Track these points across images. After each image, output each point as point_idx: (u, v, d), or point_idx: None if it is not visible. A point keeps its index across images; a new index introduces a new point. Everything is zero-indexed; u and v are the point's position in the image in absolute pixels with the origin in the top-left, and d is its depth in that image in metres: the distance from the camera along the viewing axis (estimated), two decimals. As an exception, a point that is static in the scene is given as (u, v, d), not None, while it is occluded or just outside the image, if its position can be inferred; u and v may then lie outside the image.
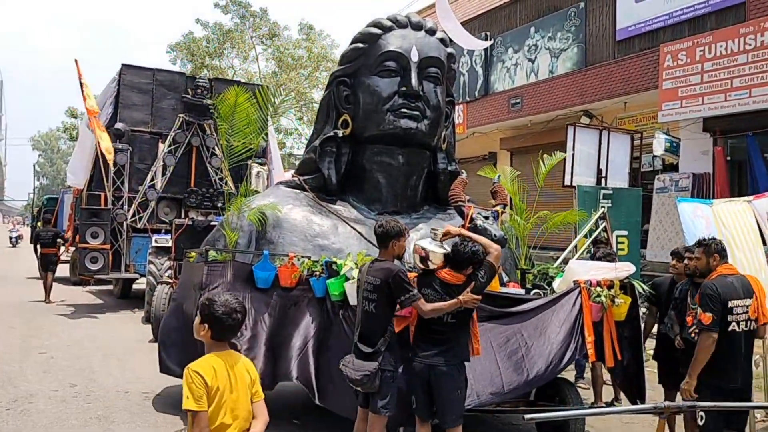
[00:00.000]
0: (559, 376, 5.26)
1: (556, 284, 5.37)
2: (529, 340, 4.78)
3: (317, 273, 5.47)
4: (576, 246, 8.51)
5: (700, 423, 3.88)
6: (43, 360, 8.09)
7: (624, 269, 5.11)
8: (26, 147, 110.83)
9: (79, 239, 12.50)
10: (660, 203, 11.25)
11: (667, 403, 3.23)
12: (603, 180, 9.28)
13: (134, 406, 6.20)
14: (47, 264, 13.75)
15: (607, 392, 6.62)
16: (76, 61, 12.51)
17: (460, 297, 4.13)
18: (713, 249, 4.28)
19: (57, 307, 12.74)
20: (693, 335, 4.33)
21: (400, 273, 4.25)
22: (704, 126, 11.30)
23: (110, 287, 15.42)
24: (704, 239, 4.41)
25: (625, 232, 8.73)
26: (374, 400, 4.27)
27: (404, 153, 6.71)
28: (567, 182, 9.07)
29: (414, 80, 6.57)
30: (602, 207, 8.69)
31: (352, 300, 4.87)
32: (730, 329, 4.02)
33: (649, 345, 6.09)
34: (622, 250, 8.57)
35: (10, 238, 33.86)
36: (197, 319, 2.94)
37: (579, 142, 9.07)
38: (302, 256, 5.82)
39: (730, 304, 4.03)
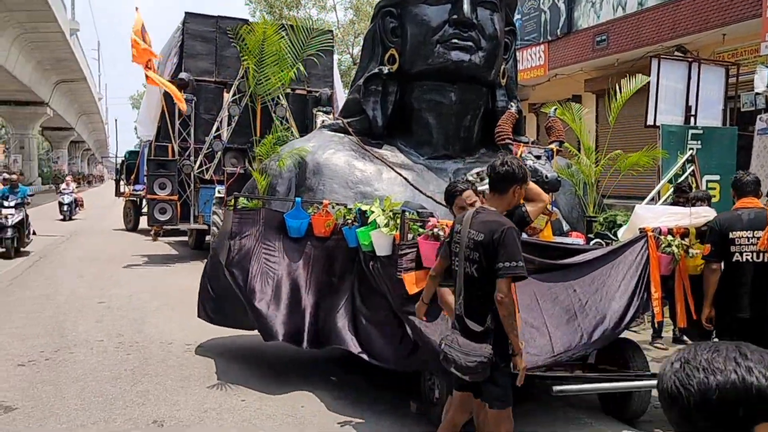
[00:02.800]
0: (623, 336, 4.58)
1: (621, 233, 4.63)
2: (584, 297, 4.09)
3: (350, 221, 4.97)
4: (659, 193, 7.61)
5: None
6: (99, 309, 8.11)
7: (701, 215, 4.32)
8: (127, 105, 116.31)
9: (147, 190, 12.60)
10: (762, 146, 9.91)
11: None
12: (692, 119, 8.19)
13: (172, 358, 6.02)
14: None
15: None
16: (137, 8, 12.38)
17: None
18: (730, 184, 4.51)
19: (131, 257, 12.97)
20: None
21: (512, 229, 3.23)
22: (818, 57, 9.82)
23: (186, 238, 15.63)
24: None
25: (716, 177, 7.71)
26: (488, 389, 3.31)
27: (457, 90, 6.03)
28: (650, 121, 8.04)
29: (466, 6, 5.82)
30: (690, 149, 7.71)
31: (379, 250, 4.35)
32: (733, 260, 4.15)
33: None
34: (713, 197, 7.57)
35: (61, 205, 22.02)
36: None
37: (664, 76, 7.99)
38: (337, 204, 5.35)
39: (731, 235, 4.15)
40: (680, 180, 7.42)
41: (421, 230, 4.15)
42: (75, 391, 5.05)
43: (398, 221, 4.22)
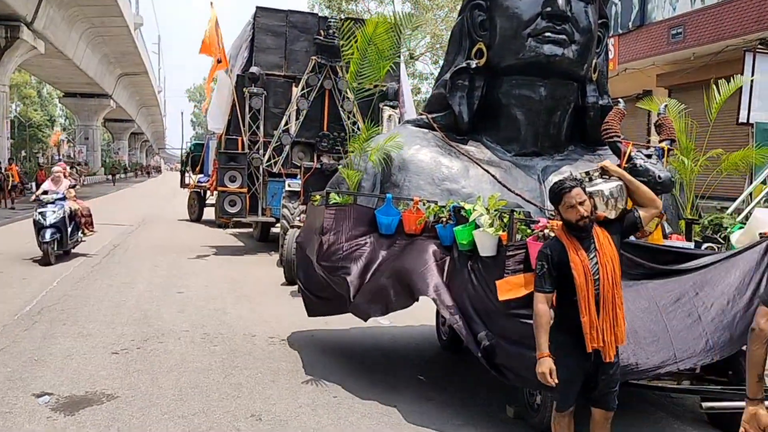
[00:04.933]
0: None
1: (734, 237, 4.42)
2: (707, 300, 3.87)
3: (444, 219, 4.89)
4: (751, 194, 7.29)
5: None
6: (179, 299, 8.27)
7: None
8: (184, 98, 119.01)
9: (218, 183, 12.80)
10: None
11: None
12: (789, 116, 7.82)
13: (258, 351, 6.07)
14: None
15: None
16: (211, 3, 12.56)
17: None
18: None
19: (200, 248, 13.22)
20: None
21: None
22: None
23: (251, 230, 15.85)
24: None
25: (814, 178, 7.33)
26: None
27: (547, 85, 5.86)
28: (743, 119, 7.73)
29: (560, -1, 5.64)
30: (787, 148, 7.34)
31: (483, 251, 4.25)
32: None
33: None
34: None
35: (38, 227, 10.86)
36: None
37: (759, 71, 7.64)
38: (428, 201, 5.28)
39: None
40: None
41: (529, 231, 4.04)
42: (171, 381, 5.14)
43: (505, 221, 4.11)
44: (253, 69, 12.79)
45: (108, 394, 4.85)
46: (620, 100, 4.87)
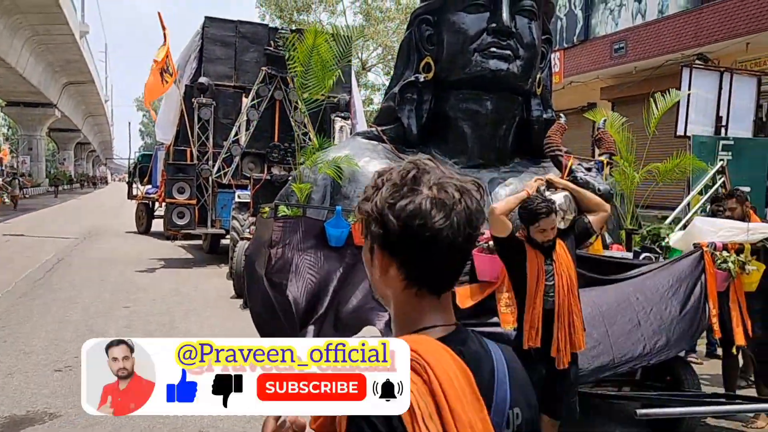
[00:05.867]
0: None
1: (672, 240, 4.58)
2: (647, 306, 4.03)
3: (394, 231, 4.93)
4: (689, 204, 7.57)
5: None
6: (126, 314, 8.10)
7: (759, 231, 4.27)
8: (132, 107, 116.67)
9: (166, 194, 12.59)
10: (787, 157, 9.93)
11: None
12: (723, 129, 8.16)
13: (207, 367, 5.98)
14: None
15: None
16: (159, 14, 12.40)
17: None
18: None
19: (149, 261, 12.96)
20: None
21: None
22: None
23: (200, 242, 15.61)
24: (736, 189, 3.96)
25: (747, 189, 7.65)
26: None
27: (493, 98, 6.01)
28: (680, 131, 8.02)
29: (505, 15, 5.80)
30: (721, 160, 7.68)
31: (430, 262, 4.31)
32: None
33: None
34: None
35: None
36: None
37: (696, 85, 7.97)
38: (379, 213, 5.32)
39: None
40: (711, 192, 7.38)
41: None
42: (115, 399, 5.02)
43: (452, 233, 4.18)
44: (203, 79, 12.66)
45: (50, 413, 4.72)
46: (561, 114, 5.03)
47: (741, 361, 5.11)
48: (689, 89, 7.81)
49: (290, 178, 10.00)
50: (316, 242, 5.46)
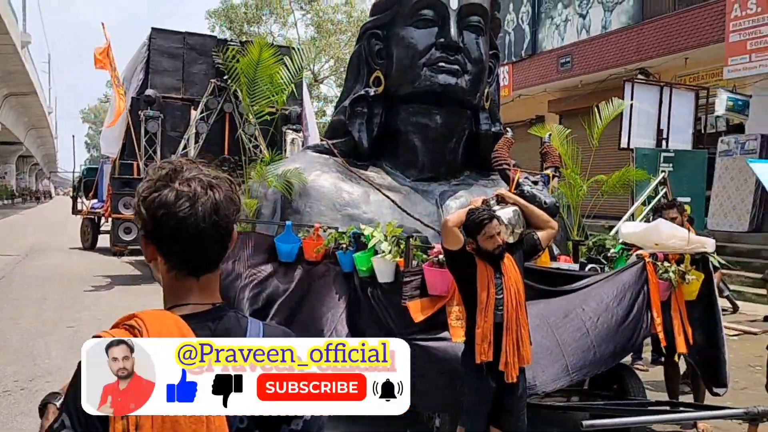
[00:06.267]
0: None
1: (624, 232, 4.66)
2: (594, 314, 4.11)
3: (344, 245, 4.92)
4: (633, 214, 7.78)
5: None
6: (70, 334, 7.82)
7: (696, 243, 4.39)
8: (77, 119, 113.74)
9: (112, 209, 12.29)
10: (723, 167, 10.31)
11: (763, 407, 2.60)
12: (664, 142, 8.45)
13: (154, 387, 5.83)
14: None
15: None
16: (102, 24, 12.15)
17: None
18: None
19: (94, 278, 12.59)
20: None
21: None
22: (776, 82, 10.25)
23: (149, 258, 15.25)
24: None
25: (687, 199, 7.94)
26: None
27: (442, 112, 6.06)
28: (624, 144, 8.28)
29: (453, 30, 5.88)
30: (662, 171, 7.94)
31: (381, 277, 4.31)
32: None
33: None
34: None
35: None
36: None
37: (638, 99, 8.23)
38: (329, 227, 5.29)
39: None
40: (653, 203, 7.61)
41: (425, 257, 4.13)
42: (57, 424, 4.84)
43: (402, 247, 4.19)
44: (149, 91, 12.44)
45: (-14, 441, 4.52)
46: (509, 129, 5.11)
47: (683, 368, 5.26)
48: (631, 104, 8.06)
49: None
50: (267, 257, 5.40)
